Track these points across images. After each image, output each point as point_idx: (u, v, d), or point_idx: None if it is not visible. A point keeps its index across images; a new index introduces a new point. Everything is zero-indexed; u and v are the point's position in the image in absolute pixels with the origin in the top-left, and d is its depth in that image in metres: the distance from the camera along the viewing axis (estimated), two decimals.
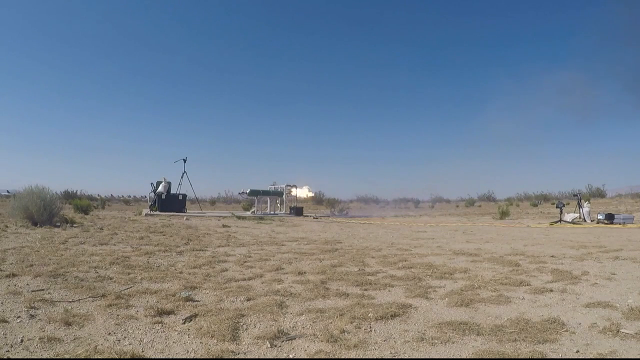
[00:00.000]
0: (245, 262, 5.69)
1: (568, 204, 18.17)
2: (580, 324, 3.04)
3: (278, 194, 21.45)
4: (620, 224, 13.50)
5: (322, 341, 2.65)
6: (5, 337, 2.61)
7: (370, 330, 2.88)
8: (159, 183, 18.43)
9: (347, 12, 57.87)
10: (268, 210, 20.49)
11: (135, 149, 63.84)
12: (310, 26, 59.87)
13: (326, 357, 2.42)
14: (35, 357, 2.35)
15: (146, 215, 16.11)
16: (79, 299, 3.51)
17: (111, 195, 43.70)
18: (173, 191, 18.89)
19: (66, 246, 6.70)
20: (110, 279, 4.37)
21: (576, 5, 50.95)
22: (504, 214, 17.63)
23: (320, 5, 57.94)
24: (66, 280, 4.21)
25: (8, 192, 32.44)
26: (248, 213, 19.49)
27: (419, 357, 2.46)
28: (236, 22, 59.79)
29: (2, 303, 3.31)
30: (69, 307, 3.28)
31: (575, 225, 13.65)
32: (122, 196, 43.68)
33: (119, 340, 2.63)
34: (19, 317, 3.00)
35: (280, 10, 58.40)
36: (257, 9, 58.91)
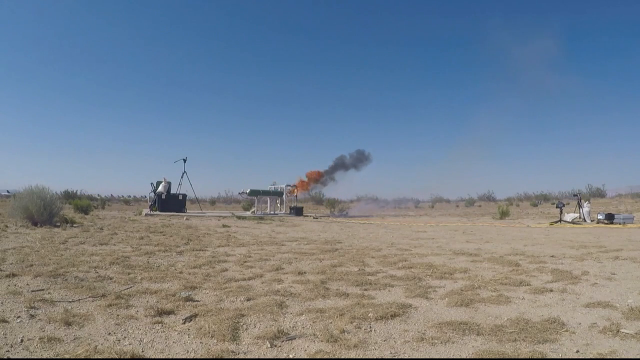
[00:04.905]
0: (245, 262, 5.69)
1: (568, 204, 18.16)
2: (580, 324, 3.04)
3: (278, 194, 21.45)
4: (620, 224, 13.50)
5: (322, 341, 2.64)
6: (5, 337, 2.60)
7: (370, 330, 2.88)
8: (159, 183, 18.43)
9: (346, 13, 57.86)
10: (268, 210, 20.49)
11: (135, 149, 63.99)
12: (309, 28, 59.90)
13: (326, 357, 2.41)
14: (35, 357, 2.35)
15: (146, 215, 16.11)
16: (79, 299, 3.51)
17: (111, 195, 43.74)
18: (173, 191, 18.89)
19: (66, 246, 6.70)
20: (110, 279, 4.37)
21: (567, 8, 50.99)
22: (504, 214, 17.63)
23: (320, 7, 57.93)
24: (66, 280, 4.21)
25: (8, 192, 32.46)
26: (248, 213, 19.49)
27: (419, 357, 2.45)
28: (236, 23, 59.81)
29: (2, 303, 3.31)
30: (69, 307, 3.27)
31: (575, 225, 13.65)
32: (122, 196, 43.68)
33: (119, 340, 2.63)
34: (19, 317, 2.99)
35: (281, 12, 58.43)
36: (258, 10, 58.94)
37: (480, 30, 57.29)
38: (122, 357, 2.33)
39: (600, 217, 14.20)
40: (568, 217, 14.82)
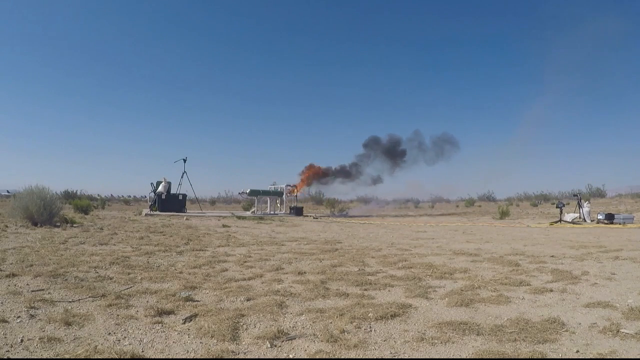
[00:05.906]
0: (245, 262, 5.69)
1: (568, 204, 18.17)
2: (580, 324, 3.04)
3: (278, 194, 21.45)
4: (620, 224, 13.50)
5: (322, 341, 2.64)
6: (5, 337, 2.60)
7: (370, 330, 2.88)
8: (159, 183, 18.43)
9: (346, 13, 57.88)
10: (268, 210, 20.50)
11: (135, 149, 64.09)
12: (309, 28, 59.93)
13: (326, 357, 2.41)
14: (35, 357, 2.35)
15: (146, 215, 16.11)
16: (79, 299, 3.51)
17: (111, 195, 43.77)
18: (173, 191, 18.89)
19: (66, 246, 6.69)
20: (110, 279, 4.37)
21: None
22: (504, 214, 17.62)
23: (320, 7, 57.98)
24: (66, 280, 4.21)
25: (8, 192, 32.48)
26: (248, 213, 19.49)
27: (419, 357, 2.45)
28: (236, 24, 59.84)
29: (2, 303, 3.31)
30: (69, 307, 3.27)
31: (575, 225, 13.65)
32: (122, 196, 43.70)
33: (119, 340, 2.63)
34: (19, 317, 2.99)
35: (281, 13, 58.45)
36: (259, 11, 59.00)
37: (476, 33, 57.29)
38: (122, 357, 2.33)
39: (600, 217, 14.20)
40: (568, 217, 14.81)
